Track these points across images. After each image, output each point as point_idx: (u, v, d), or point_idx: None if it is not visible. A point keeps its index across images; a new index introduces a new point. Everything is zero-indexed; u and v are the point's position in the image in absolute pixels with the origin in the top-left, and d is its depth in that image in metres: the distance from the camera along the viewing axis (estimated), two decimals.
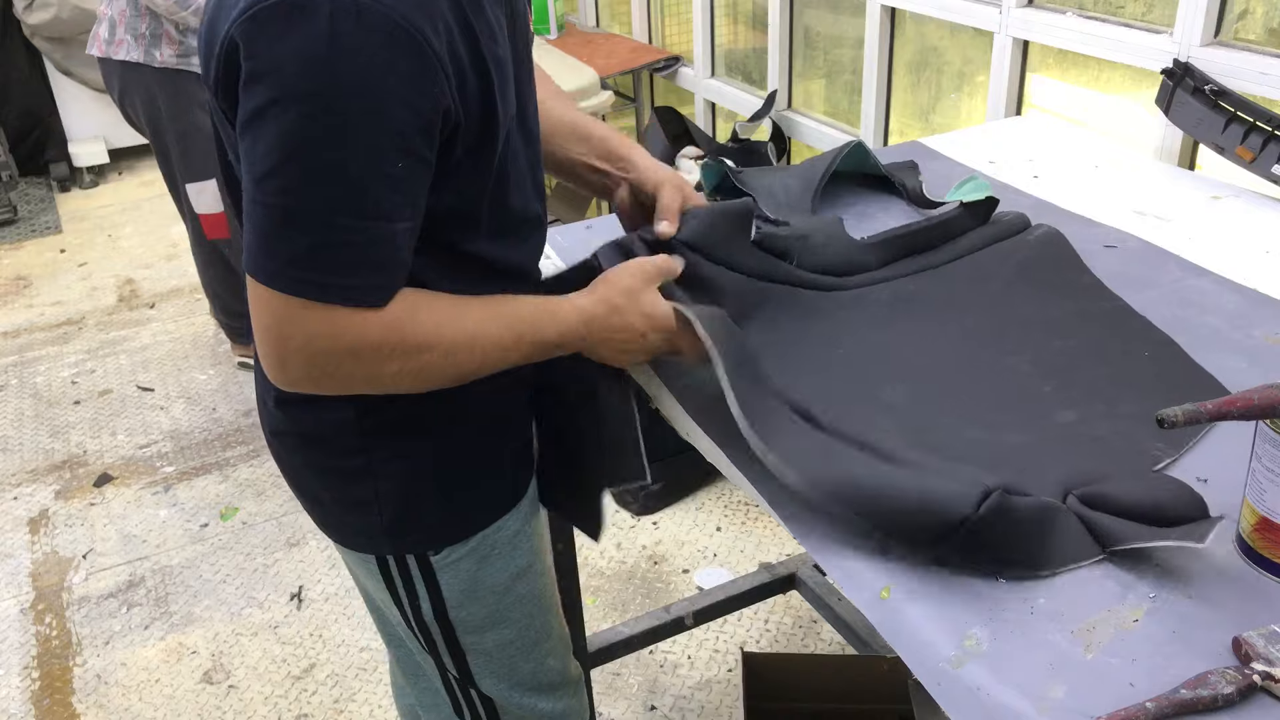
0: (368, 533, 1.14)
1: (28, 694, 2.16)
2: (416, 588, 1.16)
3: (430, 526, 1.13)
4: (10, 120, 4.80)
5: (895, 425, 1.04)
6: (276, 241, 0.87)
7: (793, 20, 2.93)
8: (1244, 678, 0.76)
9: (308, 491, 1.17)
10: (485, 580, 1.17)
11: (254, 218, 0.88)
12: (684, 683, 2.10)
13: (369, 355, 0.92)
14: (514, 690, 1.27)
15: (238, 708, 2.10)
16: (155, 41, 2.66)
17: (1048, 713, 0.76)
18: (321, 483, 1.14)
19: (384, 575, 1.16)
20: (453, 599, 1.17)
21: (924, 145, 1.81)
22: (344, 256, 0.88)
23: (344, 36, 0.82)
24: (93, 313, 3.75)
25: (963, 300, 1.26)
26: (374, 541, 1.14)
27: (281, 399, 1.09)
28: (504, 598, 1.20)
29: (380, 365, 0.94)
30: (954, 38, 2.42)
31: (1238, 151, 1.58)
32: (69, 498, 2.76)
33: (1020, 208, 1.55)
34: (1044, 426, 1.05)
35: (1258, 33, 1.75)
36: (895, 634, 0.85)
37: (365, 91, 0.84)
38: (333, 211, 0.86)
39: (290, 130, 0.84)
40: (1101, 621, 0.84)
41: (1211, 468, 0.99)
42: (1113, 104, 2.09)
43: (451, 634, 1.20)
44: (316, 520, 1.19)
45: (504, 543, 1.18)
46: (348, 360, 0.92)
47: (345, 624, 2.29)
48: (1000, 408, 1.08)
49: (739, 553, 2.43)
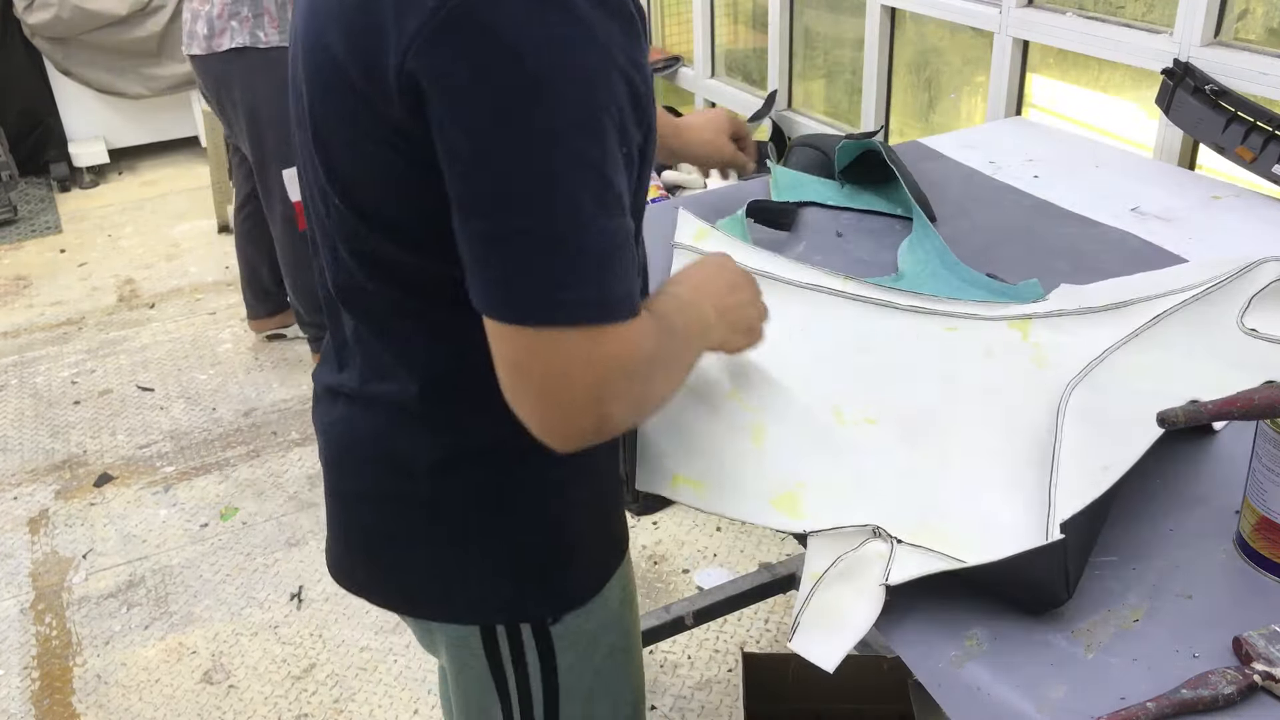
0: (474, 603, 0.99)
1: (28, 694, 2.16)
2: (527, 658, 1.00)
3: (550, 593, 0.99)
4: (10, 120, 4.80)
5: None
6: (544, 271, 0.74)
7: (793, 20, 2.94)
8: (1244, 678, 0.76)
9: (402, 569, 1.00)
10: (600, 646, 1.03)
11: (504, 253, 0.74)
12: (684, 683, 2.10)
13: (649, 368, 0.80)
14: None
15: (238, 708, 2.10)
16: (259, 22, 2.65)
17: (1048, 713, 0.76)
18: (426, 557, 0.98)
19: (488, 649, 1.00)
20: (565, 662, 1.00)
21: (924, 145, 1.81)
22: (620, 261, 0.76)
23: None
24: (93, 313, 3.75)
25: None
26: (483, 611, 0.99)
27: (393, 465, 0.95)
28: (609, 664, 1.06)
29: (656, 380, 0.83)
30: (954, 38, 2.42)
31: (1238, 151, 1.58)
32: (69, 498, 2.76)
33: (1020, 208, 1.55)
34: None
35: (1258, 33, 1.75)
36: (895, 634, 0.85)
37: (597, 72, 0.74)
38: (584, 214, 0.74)
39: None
40: (1101, 621, 0.84)
41: (1212, 468, 0.99)
42: (1113, 104, 2.09)
43: (554, 703, 1.03)
44: (402, 603, 1.04)
45: (614, 600, 1.04)
46: (634, 381, 0.79)
47: (345, 624, 2.29)
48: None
49: (739, 553, 2.43)
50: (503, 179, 0.73)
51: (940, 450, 1.06)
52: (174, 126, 5.06)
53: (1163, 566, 0.88)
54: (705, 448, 1.06)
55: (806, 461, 1.04)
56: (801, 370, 1.17)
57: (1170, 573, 0.88)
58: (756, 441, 1.07)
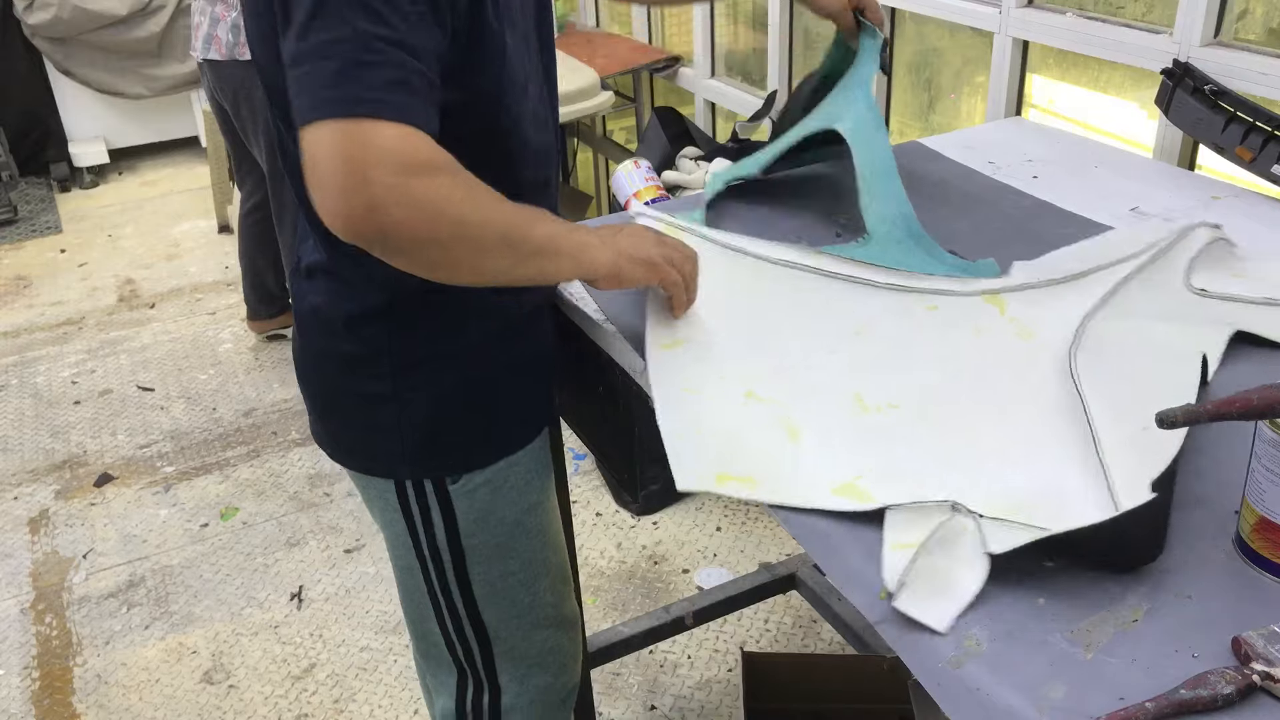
0: (389, 459, 1.19)
1: (28, 694, 2.16)
2: (432, 515, 1.21)
3: (450, 454, 1.19)
4: (10, 120, 4.80)
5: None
6: (330, 78, 0.88)
7: (793, 20, 2.94)
8: (1243, 678, 0.76)
9: (334, 415, 1.22)
10: (498, 511, 1.23)
11: (299, 72, 0.89)
12: (684, 683, 2.10)
13: (434, 174, 0.90)
14: (510, 623, 1.32)
15: (238, 708, 2.10)
16: None
17: (1048, 713, 0.76)
18: (350, 406, 1.19)
19: (401, 502, 1.21)
20: (466, 526, 1.22)
21: (924, 145, 1.81)
22: (385, 74, 0.88)
23: None
24: (93, 313, 3.75)
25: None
26: (395, 467, 1.19)
27: (326, 328, 1.15)
28: (513, 530, 1.26)
29: (444, 188, 0.92)
30: (954, 38, 2.42)
31: (1237, 151, 1.58)
32: (69, 498, 2.76)
33: (1020, 208, 1.55)
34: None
35: (1257, 33, 1.75)
36: (895, 634, 0.85)
37: None
38: (365, 35, 0.88)
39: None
40: (1101, 621, 0.84)
41: (1211, 468, 0.99)
42: (1112, 104, 2.09)
43: (461, 562, 1.25)
44: (339, 448, 1.24)
45: (518, 476, 1.24)
46: (415, 179, 0.89)
47: (345, 624, 2.29)
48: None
49: (739, 553, 2.43)
50: (299, 8, 0.89)
51: (970, 428, 1.07)
52: (174, 126, 5.06)
53: (1162, 567, 0.88)
54: (742, 445, 1.06)
55: (852, 454, 1.05)
56: (805, 358, 1.18)
57: (1169, 573, 0.88)
58: (793, 438, 1.07)
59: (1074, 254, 1.38)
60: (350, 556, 2.49)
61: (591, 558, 2.43)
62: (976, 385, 1.15)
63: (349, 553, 2.50)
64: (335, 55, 0.87)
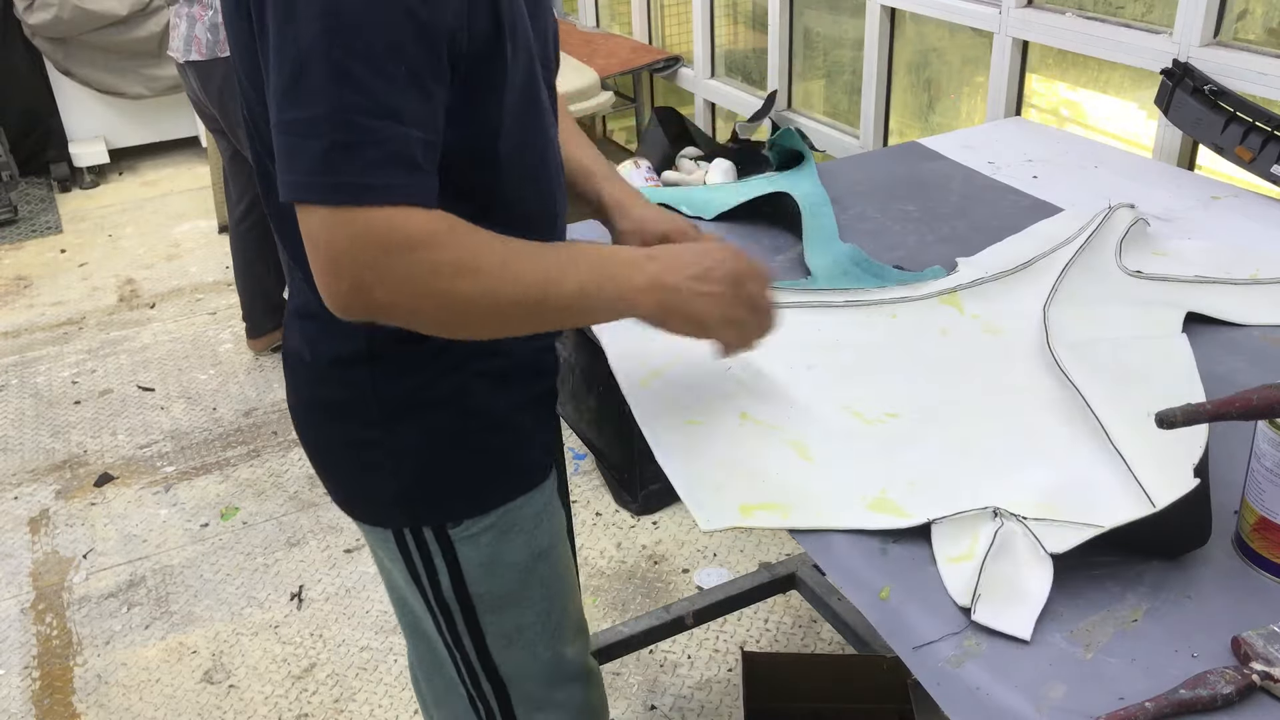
0: (386, 506, 1.14)
1: (28, 694, 2.16)
2: (435, 562, 1.15)
3: (450, 500, 1.13)
4: (10, 120, 4.80)
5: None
6: (314, 161, 0.87)
7: (793, 20, 2.94)
8: (1243, 678, 0.76)
9: (329, 464, 1.18)
10: (505, 557, 1.16)
11: (283, 140, 0.88)
12: (684, 682, 2.10)
13: (414, 250, 0.89)
14: (530, 679, 1.26)
15: (238, 707, 2.10)
16: None
17: (1047, 713, 0.77)
18: (341, 453, 1.15)
19: (402, 551, 1.16)
20: (471, 574, 1.16)
21: (924, 145, 1.81)
22: (368, 155, 0.87)
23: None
24: (93, 313, 3.75)
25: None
26: (392, 515, 1.14)
27: (311, 374, 1.11)
28: (525, 577, 1.19)
29: (426, 264, 0.90)
30: (954, 38, 2.42)
31: (1237, 151, 1.58)
32: (69, 497, 2.76)
33: (1020, 208, 1.56)
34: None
35: (1257, 33, 1.75)
36: (895, 634, 0.85)
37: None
38: (347, 110, 0.85)
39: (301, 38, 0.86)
40: (1101, 621, 0.84)
41: (1212, 468, 0.99)
42: (1112, 104, 2.09)
43: (471, 612, 1.18)
44: (340, 498, 1.20)
45: (526, 520, 1.17)
46: (396, 259, 0.88)
47: (345, 624, 2.29)
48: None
49: (739, 552, 2.43)
50: (280, 73, 0.86)
51: (978, 431, 1.07)
52: (174, 127, 5.06)
53: (1161, 567, 0.89)
54: (755, 471, 1.04)
55: (871, 467, 1.03)
56: (786, 373, 1.17)
57: (1169, 573, 0.88)
58: (805, 456, 1.05)
59: (1012, 245, 1.42)
60: (350, 556, 2.49)
61: (591, 557, 2.43)
62: (965, 387, 1.14)
63: (349, 553, 2.51)
64: (317, 135, 0.85)
